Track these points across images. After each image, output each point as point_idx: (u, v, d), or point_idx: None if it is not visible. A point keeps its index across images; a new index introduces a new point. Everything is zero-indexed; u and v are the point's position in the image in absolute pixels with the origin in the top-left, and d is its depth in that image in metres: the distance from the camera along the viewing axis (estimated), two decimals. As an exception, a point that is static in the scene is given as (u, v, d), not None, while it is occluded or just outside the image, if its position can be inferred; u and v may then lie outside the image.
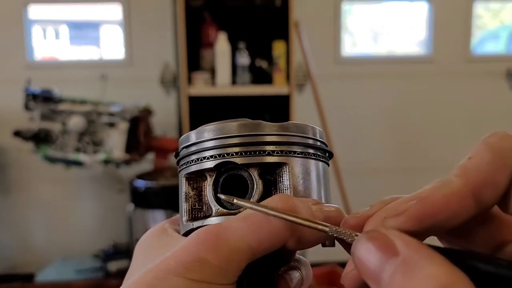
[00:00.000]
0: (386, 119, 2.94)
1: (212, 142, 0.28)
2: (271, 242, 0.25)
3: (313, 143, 0.30)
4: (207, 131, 0.29)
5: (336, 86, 2.84)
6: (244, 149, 0.28)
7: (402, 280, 0.20)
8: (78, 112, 2.17)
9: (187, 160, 0.30)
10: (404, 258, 0.20)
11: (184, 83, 2.35)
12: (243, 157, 0.28)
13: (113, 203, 2.76)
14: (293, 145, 0.29)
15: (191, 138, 0.30)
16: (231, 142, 0.28)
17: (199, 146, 0.29)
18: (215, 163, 0.28)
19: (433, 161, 2.96)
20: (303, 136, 0.30)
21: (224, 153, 0.28)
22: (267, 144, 0.28)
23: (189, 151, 0.30)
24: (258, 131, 0.28)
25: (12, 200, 2.82)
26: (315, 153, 0.30)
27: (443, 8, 2.87)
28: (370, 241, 0.22)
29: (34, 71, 2.67)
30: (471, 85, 2.92)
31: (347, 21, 2.98)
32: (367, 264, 0.21)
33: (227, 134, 0.28)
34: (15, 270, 2.83)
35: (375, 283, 0.21)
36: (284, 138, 0.29)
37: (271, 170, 0.29)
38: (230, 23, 2.45)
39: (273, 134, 0.28)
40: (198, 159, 0.29)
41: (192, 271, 0.24)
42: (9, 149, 2.70)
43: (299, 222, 0.25)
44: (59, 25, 3.01)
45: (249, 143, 0.28)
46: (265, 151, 0.28)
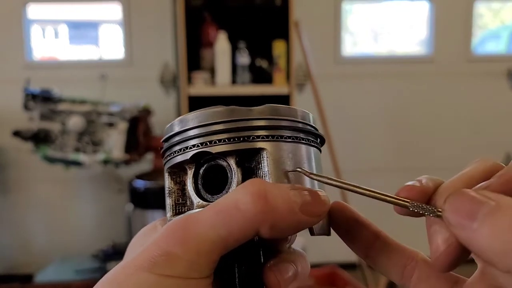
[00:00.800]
0: (386, 119, 2.94)
1: (195, 130, 0.27)
2: (242, 231, 0.24)
3: (303, 127, 0.29)
4: (190, 119, 0.27)
5: (336, 86, 2.84)
6: (228, 135, 0.26)
7: (494, 215, 0.21)
8: (78, 112, 2.17)
9: (171, 152, 0.29)
10: (498, 202, 0.21)
11: (184, 83, 2.35)
12: (227, 144, 0.26)
13: (112, 203, 2.76)
14: (282, 129, 0.28)
15: (174, 128, 0.28)
16: (214, 129, 0.27)
17: (182, 135, 0.28)
18: (193, 152, 0.27)
19: (434, 161, 2.96)
20: (293, 120, 0.28)
21: (207, 141, 0.27)
22: (253, 130, 0.27)
23: (172, 142, 0.28)
24: (244, 116, 0.27)
25: (12, 200, 2.82)
26: (306, 137, 0.29)
27: (444, 7, 2.87)
28: (461, 195, 0.22)
29: (33, 71, 2.67)
30: (472, 85, 2.92)
31: (347, 21, 2.98)
32: (462, 213, 0.22)
33: (210, 121, 0.27)
34: (15, 271, 2.83)
35: (468, 229, 0.21)
36: (272, 122, 0.27)
37: (250, 157, 0.27)
38: (230, 22, 2.45)
39: (260, 118, 0.27)
40: (181, 150, 0.28)
41: (160, 265, 0.23)
42: (9, 149, 2.71)
43: (373, 195, 0.25)
44: (59, 25, 3.01)
45: (234, 128, 0.27)
46: (249, 137, 0.27)
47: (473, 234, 0.21)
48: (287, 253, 0.29)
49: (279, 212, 0.24)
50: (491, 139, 2.95)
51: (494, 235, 0.20)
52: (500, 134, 2.96)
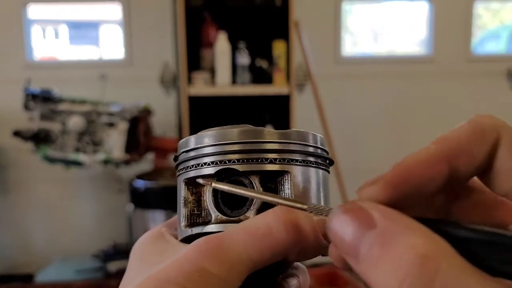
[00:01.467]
0: (386, 119, 2.94)
1: (212, 148, 0.28)
2: (273, 255, 0.25)
3: (313, 151, 0.30)
4: (207, 137, 0.29)
5: (336, 86, 2.84)
6: (244, 156, 0.28)
7: (380, 252, 0.18)
8: (78, 112, 2.17)
9: (186, 165, 0.30)
10: (381, 229, 0.19)
11: (184, 83, 2.35)
12: (244, 164, 0.28)
13: (112, 203, 2.76)
14: (294, 153, 0.29)
15: (191, 143, 0.30)
16: (231, 149, 0.28)
17: (198, 151, 0.29)
18: (215, 169, 0.28)
19: None
20: (304, 144, 0.29)
21: (225, 159, 0.28)
22: (268, 152, 0.28)
23: (188, 156, 0.29)
24: (259, 138, 0.28)
25: (12, 200, 2.82)
26: (315, 161, 0.30)
27: (444, 7, 2.87)
28: (345, 213, 0.20)
29: (33, 71, 2.67)
30: (472, 85, 2.92)
31: (347, 21, 2.98)
32: (344, 238, 0.20)
33: (228, 141, 0.28)
34: (15, 270, 2.83)
35: (353, 258, 0.19)
36: (285, 146, 0.29)
37: (272, 178, 0.29)
38: (230, 22, 2.45)
39: (274, 141, 0.28)
40: (198, 165, 0.29)
41: (193, 281, 0.23)
42: (9, 149, 2.70)
43: (269, 200, 0.26)
44: (59, 25, 3.01)
45: (250, 150, 0.28)
46: (266, 159, 0.28)
47: (359, 265, 0.19)
48: (293, 268, 0.31)
49: (308, 241, 0.25)
50: None
51: (379, 275, 0.18)
52: None
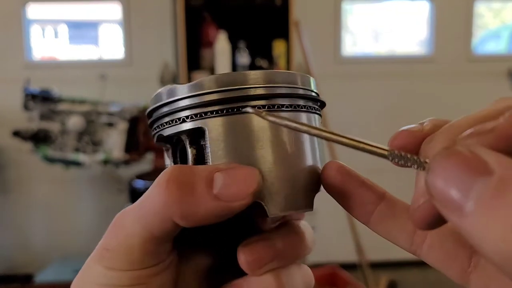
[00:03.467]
0: (386, 119, 2.94)
1: (188, 100, 0.25)
2: (158, 222, 0.23)
3: (303, 93, 0.26)
4: (182, 88, 0.25)
5: (337, 86, 2.83)
6: (225, 106, 0.24)
7: (496, 202, 0.15)
8: (77, 112, 2.17)
9: (160, 122, 0.27)
10: (500, 176, 0.15)
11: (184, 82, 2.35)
12: (221, 116, 0.24)
13: (112, 203, 2.75)
14: (280, 98, 0.25)
15: (163, 96, 0.26)
16: (210, 99, 0.24)
17: (172, 106, 0.26)
18: (194, 124, 0.25)
19: None
20: (292, 86, 0.26)
21: (202, 112, 0.25)
22: (252, 99, 0.25)
23: (161, 112, 0.26)
24: (240, 84, 0.25)
25: (11, 201, 2.82)
26: (305, 104, 0.27)
27: (444, 7, 2.87)
28: (452, 157, 0.17)
29: (33, 71, 2.67)
30: (472, 85, 2.92)
31: (347, 21, 2.98)
32: (450, 186, 0.16)
33: (205, 90, 0.25)
34: (14, 271, 2.83)
35: (457, 210, 0.16)
36: (271, 90, 0.25)
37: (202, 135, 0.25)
38: (230, 22, 2.45)
39: (258, 86, 0.25)
40: (173, 121, 0.26)
41: (104, 259, 0.24)
42: (8, 149, 2.70)
43: (350, 143, 0.22)
44: (58, 25, 3.01)
45: (231, 98, 0.24)
46: (244, 107, 0.24)
47: (464, 219, 0.16)
48: (268, 233, 0.27)
49: (185, 203, 0.22)
50: None
51: (493, 228, 0.15)
52: None
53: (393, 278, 2.55)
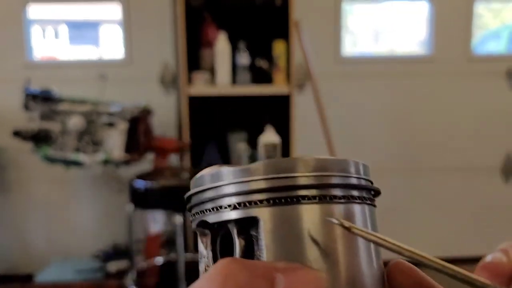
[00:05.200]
0: (387, 119, 2.94)
1: (233, 186, 0.23)
2: None
3: (357, 182, 0.25)
4: (227, 173, 0.24)
5: (337, 86, 2.84)
6: (269, 195, 0.23)
7: None
8: (78, 112, 2.18)
9: (201, 208, 0.25)
10: None
11: (184, 83, 2.36)
12: (272, 207, 0.23)
13: (112, 203, 2.76)
14: (333, 188, 0.24)
15: (206, 180, 0.25)
16: (256, 188, 0.23)
17: (216, 191, 0.24)
18: (238, 213, 0.23)
19: (434, 161, 2.96)
20: (345, 175, 0.24)
21: (253, 200, 0.23)
22: (299, 189, 0.23)
23: (204, 197, 0.25)
24: (289, 172, 0.23)
25: (11, 201, 2.82)
26: (359, 195, 0.25)
27: (444, 7, 2.87)
28: None
29: (33, 71, 2.67)
30: (472, 85, 2.92)
31: (347, 21, 2.99)
32: None
33: (251, 178, 0.23)
34: (15, 271, 2.83)
35: None
36: (322, 180, 0.23)
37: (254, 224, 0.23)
38: (230, 22, 2.46)
39: (308, 175, 0.23)
40: (216, 208, 0.24)
41: None
42: (9, 149, 2.71)
43: (441, 268, 0.21)
44: (59, 25, 3.02)
45: (279, 187, 0.23)
46: (302, 197, 0.23)
47: None
48: None
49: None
50: (492, 138, 2.96)
51: None
52: (500, 133, 2.96)
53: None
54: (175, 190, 1.80)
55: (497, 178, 3.00)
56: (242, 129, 2.57)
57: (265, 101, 2.46)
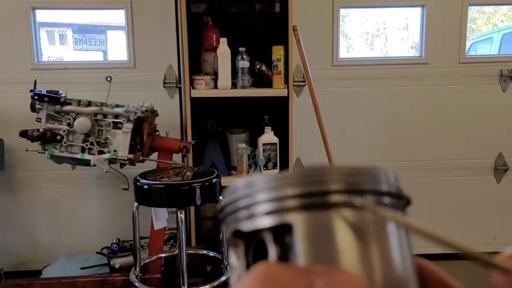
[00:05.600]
0: (381, 121, 2.96)
1: (266, 194, 0.23)
2: None
3: (388, 189, 0.24)
4: (259, 182, 0.24)
5: (333, 89, 2.86)
6: (306, 201, 0.22)
7: None
8: (84, 113, 2.17)
9: (235, 217, 0.24)
10: None
11: (187, 85, 2.39)
12: (306, 212, 0.22)
13: (117, 201, 2.79)
14: (364, 194, 0.23)
15: (240, 189, 0.24)
16: (289, 194, 0.22)
17: (251, 199, 0.24)
18: (272, 220, 0.23)
19: (429, 162, 2.98)
20: (376, 181, 0.24)
21: (280, 207, 0.22)
22: (331, 194, 0.23)
23: (237, 206, 0.24)
24: (322, 177, 0.23)
25: (20, 199, 2.84)
26: (391, 202, 0.24)
27: (438, 12, 2.89)
28: None
29: (41, 73, 2.70)
30: (465, 87, 2.94)
31: (344, 26, 3.00)
32: None
33: (284, 184, 0.23)
34: (22, 267, 2.85)
35: None
36: (353, 186, 0.23)
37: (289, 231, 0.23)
38: (231, 28, 2.49)
39: (339, 180, 0.23)
40: (252, 215, 0.23)
41: None
42: (16, 149, 2.73)
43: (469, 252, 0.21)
44: (66, 29, 3.04)
45: (312, 193, 0.22)
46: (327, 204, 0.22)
47: None
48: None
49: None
50: (485, 139, 2.98)
51: None
52: (493, 134, 2.99)
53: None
54: (178, 188, 1.85)
55: (490, 177, 3.04)
56: (242, 129, 2.61)
57: (265, 103, 2.49)
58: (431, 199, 3.02)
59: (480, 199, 3.04)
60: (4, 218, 2.86)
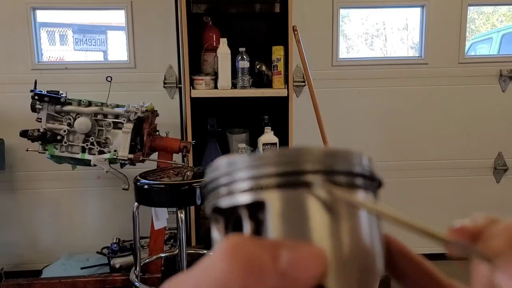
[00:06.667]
0: (381, 121, 2.96)
1: (248, 171, 0.24)
2: None
3: (361, 171, 0.25)
4: (241, 160, 0.25)
5: (333, 89, 2.86)
6: (279, 180, 0.23)
7: None
8: (84, 113, 2.17)
9: (216, 194, 0.25)
10: None
11: (187, 86, 2.40)
12: (278, 189, 0.23)
13: (118, 201, 2.79)
14: (337, 175, 0.24)
15: (222, 167, 0.25)
16: (267, 172, 0.24)
17: (231, 177, 0.25)
18: (250, 197, 0.24)
19: (428, 162, 2.99)
20: (350, 163, 0.25)
21: (262, 185, 0.23)
22: (306, 174, 0.23)
23: (218, 183, 0.25)
24: (297, 158, 0.24)
25: (20, 199, 2.85)
26: (364, 183, 0.25)
27: (437, 12, 2.89)
28: None
29: (41, 73, 2.71)
30: (465, 87, 2.95)
31: (344, 26, 3.00)
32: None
33: (263, 163, 0.24)
34: (23, 267, 2.86)
35: None
36: (327, 166, 0.24)
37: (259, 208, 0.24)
38: (231, 28, 2.49)
39: (315, 161, 0.24)
40: (230, 192, 0.24)
41: None
42: (17, 149, 2.73)
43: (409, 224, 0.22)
44: (66, 29, 3.04)
45: (288, 172, 0.23)
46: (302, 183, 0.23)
47: None
48: None
49: (249, 275, 0.20)
50: (484, 139, 2.99)
51: None
52: (492, 134, 2.99)
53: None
54: (178, 188, 1.86)
55: (489, 177, 3.05)
56: (242, 129, 2.62)
57: (265, 103, 2.49)
58: (431, 199, 3.03)
59: (479, 199, 3.05)
60: (5, 218, 2.86)
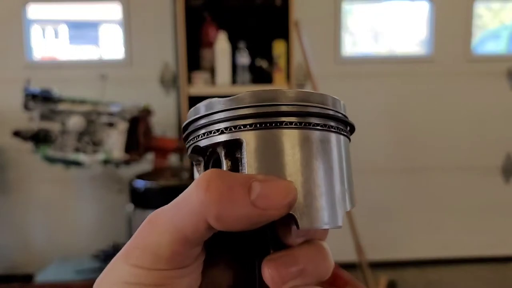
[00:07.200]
0: (386, 119, 2.95)
1: (223, 113, 0.26)
2: (193, 222, 0.24)
3: (334, 114, 0.27)
4: (218, 102, 0.26)
5: (336, 86, 2.84)
6: (258, 120, 0.25)
7: None
8: (78, 112, 2.18)
9: (196, 134, 0.28)
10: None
11: (184, 83, 2.35)
12: (257, 130, 0.25)
13: (112, 203, 2.77)
14: (311, 116, 0.26)
15: (201, 110, 0.27)
16: (243, 113, 0.25)
17: (209, 118, 0.27)
18: (227, 136, 0.26)
19: (434, 161, 2.96)
20: (323, 107, 0.27)
21: (236, 125, 0.26)
22: (281, 116, 0.25)
23: (198, 124, 0.27)
24: (274, 101, 0.26)
25: (12, 201, 2.83)
26: (337, 126, 0.27)
27: (444, 7, 2.88)
28: None
29: (33, 71, 2.68)
30: (472, 85, 2.93)
31: (347, 21, 2.98)
32: None
33: (240, 105, 0.26)
34: (15, 271, 2.83)
35: None
36: (303, 108, 0.26)
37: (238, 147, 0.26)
38: (230, 22, 2.46)
39: (289, 104, 0.26)
40: (209, 132, 0.27)
41: (131, 257, 0.25)
42: (9, 149, 2.71)
43: None
44: (59, 25, 3.02)
45: (264, 113, 0.25)
46: (277, 123, 0.25)
47: None
48: (294, 249, 0.27)
49: (222, 204, 0.23)
50: (492, 138, 2.96)
51: None
52: (500, 133, 2.97)
53: (392, 278, 2.55)
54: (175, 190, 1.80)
55: (497, 178, 3.01)
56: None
57: None
58: (437, 200, 3.00)
59: (487, 200, 3.03)
60: (-3, 220, 2.84)
